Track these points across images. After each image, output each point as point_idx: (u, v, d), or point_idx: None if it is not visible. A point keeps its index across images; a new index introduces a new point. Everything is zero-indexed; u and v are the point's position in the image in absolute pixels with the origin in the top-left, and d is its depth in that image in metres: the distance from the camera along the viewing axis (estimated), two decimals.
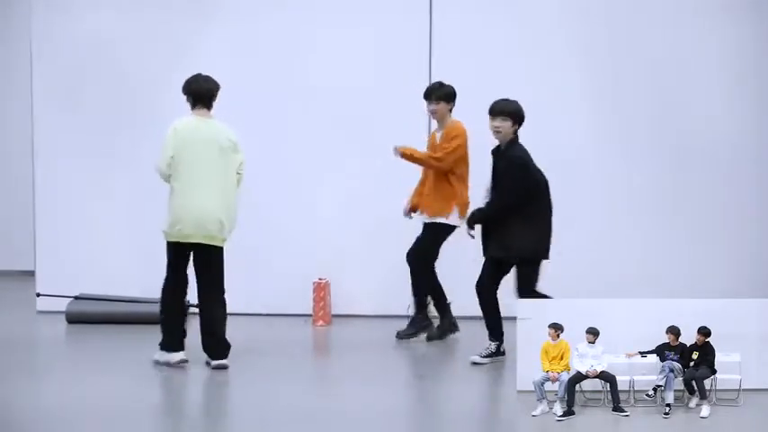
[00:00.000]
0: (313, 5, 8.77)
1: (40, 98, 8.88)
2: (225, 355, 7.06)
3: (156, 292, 7.10)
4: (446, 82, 7.86)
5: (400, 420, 6.02)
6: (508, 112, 7.09)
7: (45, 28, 8.84)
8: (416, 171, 8.04)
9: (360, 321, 8.56)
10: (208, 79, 7.05)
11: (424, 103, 7.86)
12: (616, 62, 8.75)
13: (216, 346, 7.04)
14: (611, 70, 8.76)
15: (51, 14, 8.83)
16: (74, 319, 8.45)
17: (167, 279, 7.09)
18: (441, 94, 7.79)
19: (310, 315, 8.61)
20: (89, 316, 8.44)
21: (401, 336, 7.97)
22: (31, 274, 9.15)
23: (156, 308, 7.17)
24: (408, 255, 7.88)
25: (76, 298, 8.57)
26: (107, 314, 8.44)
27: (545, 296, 6.99)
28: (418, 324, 8.00)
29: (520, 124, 7.13)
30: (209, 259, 7.00)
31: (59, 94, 8.88)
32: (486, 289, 7.21)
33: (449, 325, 8.02)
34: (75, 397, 6.33)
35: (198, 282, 7.06)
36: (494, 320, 7.22)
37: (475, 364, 7.19)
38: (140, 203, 8.72)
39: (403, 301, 8.23)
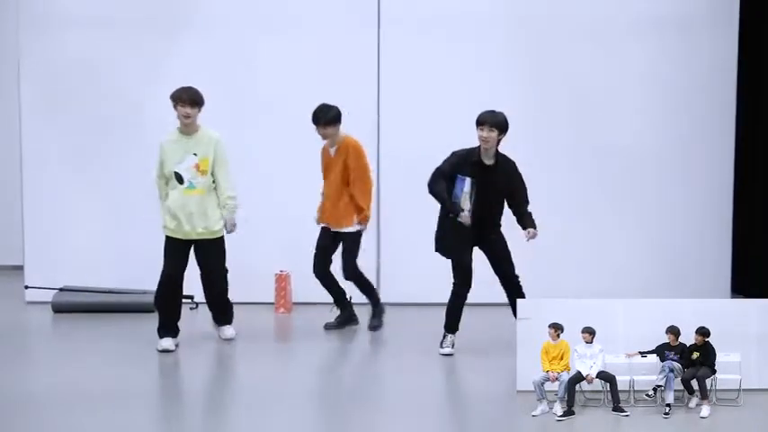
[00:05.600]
0: (271, 26, 9.08)
1: (27, 105, 9.18)
2: None
3: (132, 284, 8.36)
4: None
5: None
6: (494, 122, 7.06)
7: (30, 45, 9.13)
8: None
9: (318, 309, 8.51)
10: None
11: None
12: (554, 78, 9.10)
13: None
14: (550, 86, 9.09)
15: (37, 32, 9.12)
16: (59, 309, 8.87)
17: None
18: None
19: (272, 303, 8.93)
20: (73, 306, 8.85)
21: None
22: (21, 268, 9.58)
23: (135, 298, 8.52)
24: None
25: (61, 290, 8.97)
26: (89, 304, 8.85)
27: None
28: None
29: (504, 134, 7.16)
30: None
31: (45, 102, 9.17)
32: None
33: (349, 316, 8.29)
34: (61, 381, 6.63)
35: None
36: None
37: None
38: (120, 202, 9.15)
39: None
